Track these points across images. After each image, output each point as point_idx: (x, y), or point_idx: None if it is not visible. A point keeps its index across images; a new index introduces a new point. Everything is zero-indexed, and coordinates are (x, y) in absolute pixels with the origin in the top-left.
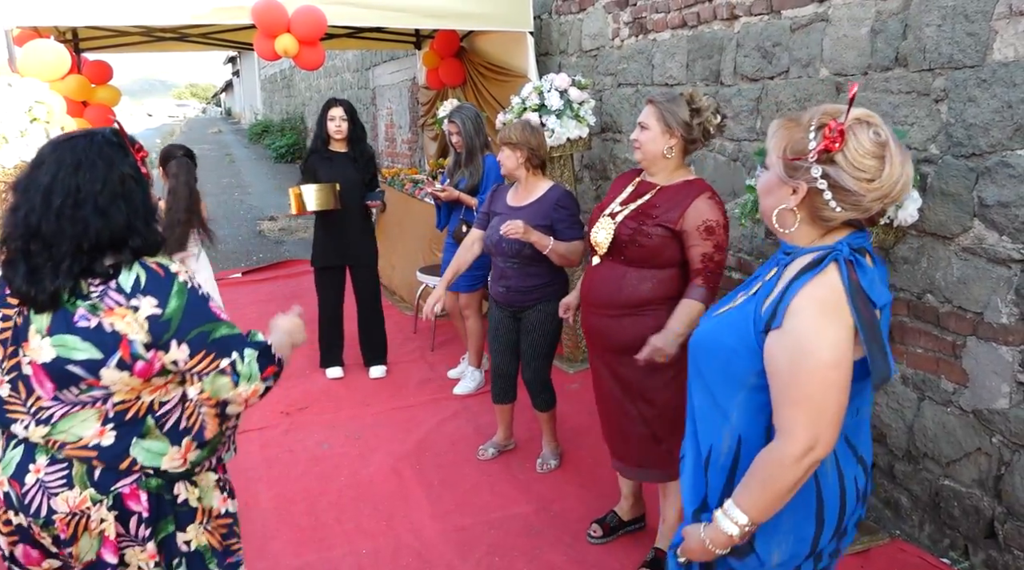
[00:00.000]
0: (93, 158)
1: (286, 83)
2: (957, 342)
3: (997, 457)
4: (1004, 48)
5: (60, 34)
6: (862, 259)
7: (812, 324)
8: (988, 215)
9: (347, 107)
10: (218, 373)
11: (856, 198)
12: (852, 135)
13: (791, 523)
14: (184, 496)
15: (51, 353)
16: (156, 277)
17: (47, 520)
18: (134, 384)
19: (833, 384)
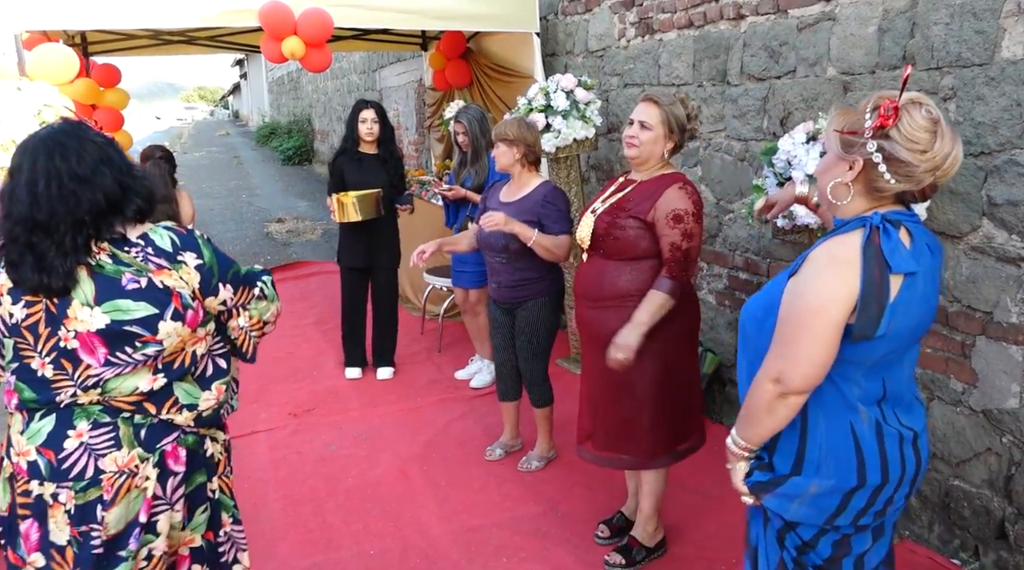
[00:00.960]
0: (61, 140)
1: (293, 85)
2: (966, 342)
3: (1007, 457)
4: (1013, 46)
5: (69, 38)
6: (892, 229)
7: (814, 271)
8: (997, 214)
9: (378, 109)
10: (257, 299)
11: (910, 169)
12: (906, 112)
13: (833, 467)
14: (211, 450)
15: (104, 320)
16: (183, 235)
17: (92, 481)
18: (184, 334)
19: (808, 328)
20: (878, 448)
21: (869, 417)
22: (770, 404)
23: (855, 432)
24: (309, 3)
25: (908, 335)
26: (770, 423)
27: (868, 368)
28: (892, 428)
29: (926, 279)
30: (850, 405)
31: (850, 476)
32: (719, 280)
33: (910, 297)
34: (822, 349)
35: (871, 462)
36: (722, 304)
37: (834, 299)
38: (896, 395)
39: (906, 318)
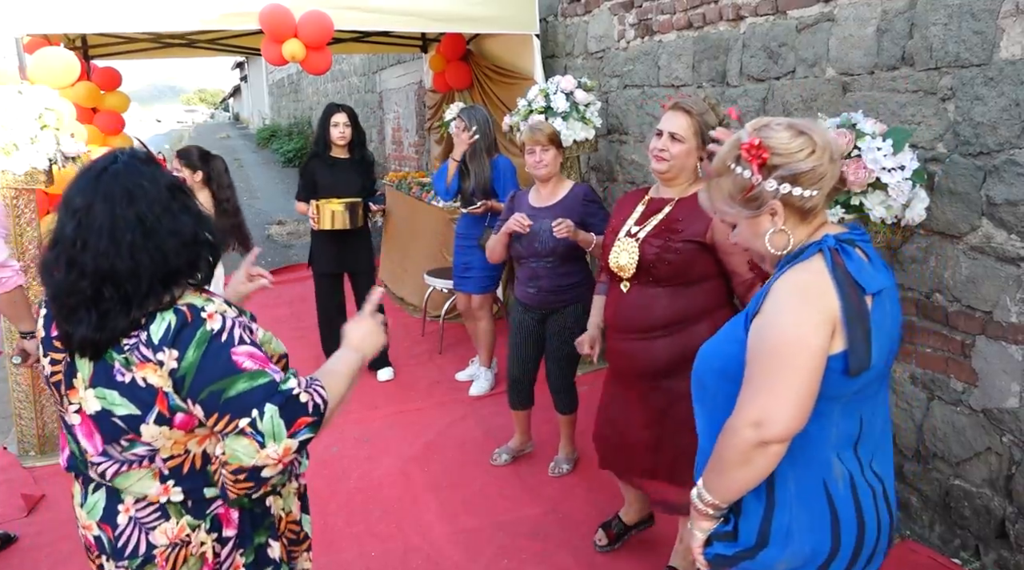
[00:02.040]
0: (138, 181)
1: (293, 88)
2: (966, 341)
3: (1007, 457)
4: (1011, 46)
5: (70, 41)
6: (850, 248)
7: (783, 304)
8: (996, 214)
9: (350, 113)
10: (236, 434)
11: (815, 173)
12: (766, 138)
13: (807, 533)
14: (273, 509)
15: (96, 405)
16: (184, 323)
17: (147, 558)
18: (177, 437)
19: (787, 362)
20: (854, 507)
21: (843, 471)
22: (747, 454)
23: (828, 488)
24: (309, 6)
25: (885, 359)
26: (745, 476)
27: (846, 403)
28: (865, 483)
29: (892, 299)
30: (823, 459)
31: (824, 542)
32: None
33: (882, 317)
34: (806, 385)
35: (846, 523)
36: None
37: (813, 327)
38: (872, 435)
39: (882, 340)
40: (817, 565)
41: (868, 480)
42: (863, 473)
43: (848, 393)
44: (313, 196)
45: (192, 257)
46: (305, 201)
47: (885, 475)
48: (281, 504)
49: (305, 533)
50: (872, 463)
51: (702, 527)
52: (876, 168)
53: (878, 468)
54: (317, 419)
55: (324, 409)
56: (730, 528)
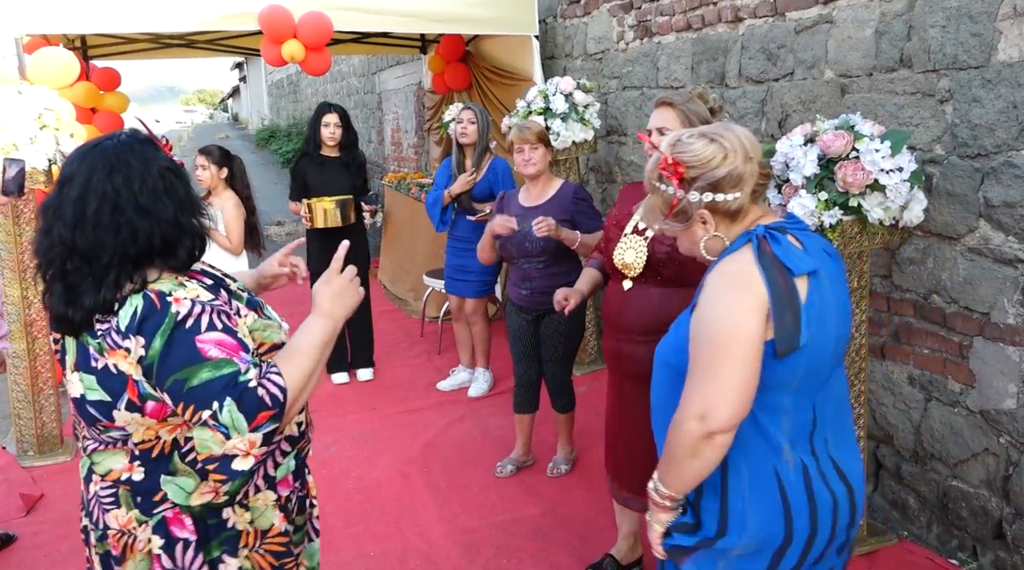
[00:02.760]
0: (126, 158)
1: (293, 88)
2: (964, 343)
3: (1005, 458)
4: (1009, 48)
5: (69, 42)
6: (780, 235)
7: (714, 295)
8: (994, 215)
9: (341, 113)
10: (201, 425)
11: (736, 175)
12: (679, 153)
13: (760, 520)
14: (233, 521)
15: (79, 388)
16: (151, 309)
17: (103, 533)
18: (149, 424)
19: (725, 352)
20: (805, 494)
21: (795, 459)
22: (694, 446)
23: (779, 477)
24: (309, 6)
25: (832, 345)
26: (695, 468)
27: (795, 391)
28: (820, 472)
29: (833, 281)
30: (774, 446)
31: (777, 529)
32: None
33: (821, 300)
34: (746, 374)
35: (798, 510)
36: None
37: (744, 314)
38: (826, 423)
39: (824, 323)
40: (772, 551)
41: (822, 468)
42: (818, 462)
43: (794, 379)
44: (305, 196)
45: (170, 240)
46: (297, 201)
47: (843, 458)
48: (248, 518)
49: (292, 546)
50: (828, 449)
51: (660, 519)
52: (874, 170)
53: (834, 453)
54: (278, 411)
55: (284, 398)
56: (691, 519)
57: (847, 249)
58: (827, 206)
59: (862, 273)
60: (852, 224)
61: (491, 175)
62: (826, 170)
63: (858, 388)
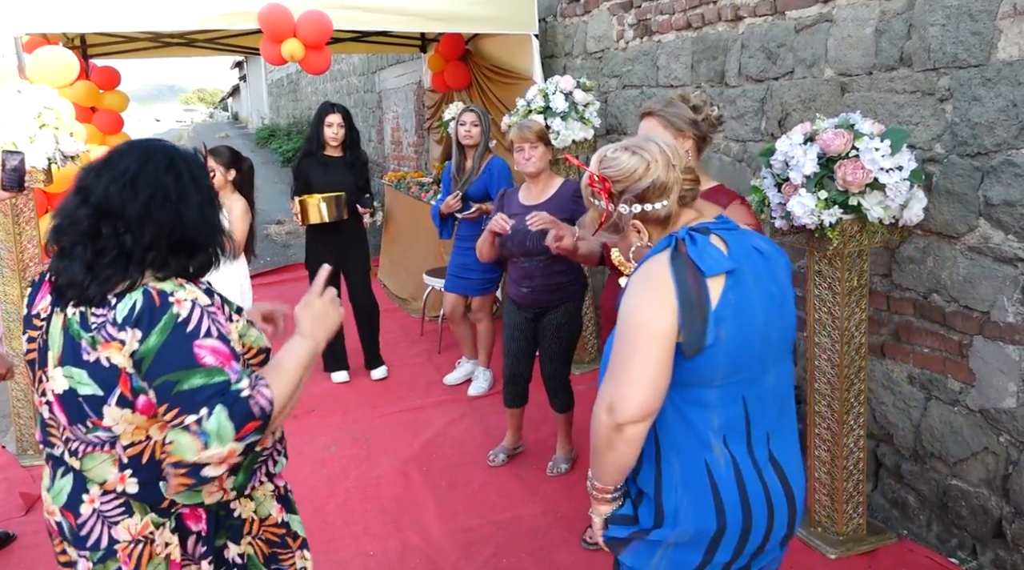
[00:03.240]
0: (187, 162)
1: (292, 87)
2: (964, 341)
3: (1004, 456)
4: (1009, 47)
5: (68, 40)
6: (700, 236)
7: (631, 293)
8: (994, 214)
9: (344, 113)
10: (181, 429)
11: (660, 184)
12: (605, 169)
13: (692, 513)
14: (239, 511)
15: (64, 384)
16: (151, 305)
17: (107, 552)
18: (139, 422)
19: (634, 348)
20: (737, 487)
21: (725, 454)
22: (608, 438)
23: (710, 470)
24: (308, 5)
25: (758, 342)
26: (614, 460)
27: (721, 386)
28: (754, 467)
29: (761, 278)
30: (703, 441)
31: (708, 521)
32: None
33: (741, 298)
34: (652, 367)
35: (730, 503)
36: None
37: (654, 313)
38: (762, 418)
39: (743, 321)
40: (705, 543)
41: (758, 462)
42: (752, 456)
43: (715, 375)
44: (308, 194)
45: (201, 244)
46: None
47: (785, 457)
48: (252, 507)
49: (294, 533)
50: (769, 445)
51: (600, 511)
52: (874, 168)
53: (775, 448)
54: (263, 422)
55: (270, 411)
56: (630, 511)
57: (847, 248)
58: (827, 205)
59: (862, 272)
60: (852, 223)
61: (486, 175)
62: (826, 169)
63: (858, 387)
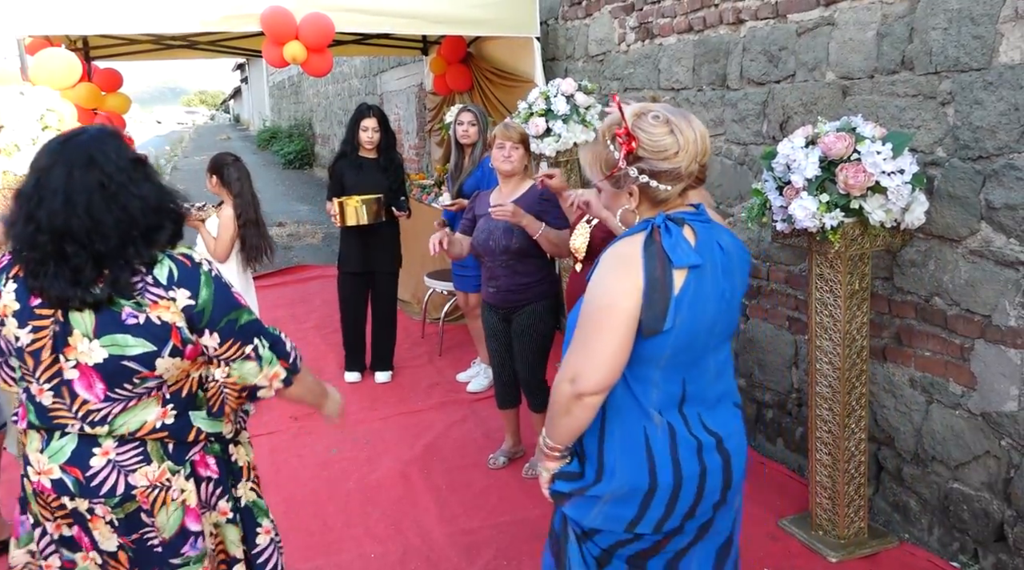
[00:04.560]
0: (102, 149)
1: (294, 89)
2: (965, 345)
3: (1006, 460)
4: (1010, 51)
5: (71, 43)
6: (675, 226)
7: (602, 271)
8: (995, 218)
9: (380, 117)
10: (244, 359)
11: (675, 172)
12: (639, 130)
13: (627, 471)
14: (235, 456)
15: (103, 353)
16: (184, 268)
17: (126, 496)
18: (184, 366)
19: (599, 325)
20: (670, 451)
21: (663, 422)
22: (567, 404)
23: (647, 435)
24: (310, 8)
25: (704, 332)
26: (569, 424)
27: (665, 367)
28: (689, 435)
29: (717, 275)
30: (644, 411)
31: (641, 478)
32: None
33: (698, 290)
34: (615, 346)
35: (661, 464)
36: None
37: (621, 294)
38: (698, 396)
39: (696, 312)
40: (639, 499)
41: (694, 434)
42: (688, 428)
43: (662, 356)
44: (341, 196)
45: (153, 223)
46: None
47: (720, 424)
48: (243, 451)
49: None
50: (704, 420)
51: (548, 467)
52: (876, 172)
53: (708, 420)
54: (290, 371)
55: (296, 364)
56: (576, 469)
57: (848, 251)
58: (828, 208)
59: (863, 275)
60: (853, 226)
61: (480, 173)
62: (827, 172)
63: (859, 390)
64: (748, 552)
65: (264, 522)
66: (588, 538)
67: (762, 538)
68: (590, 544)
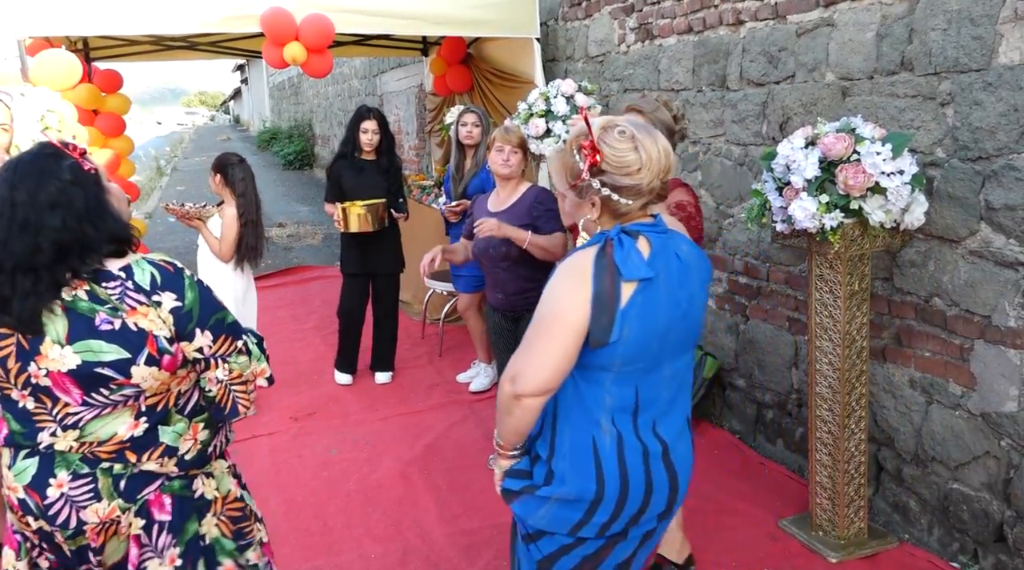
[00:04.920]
0: (26, 170)
1: (294, 90)
2: (965, 345)
3: (1006, 460)
4: (1010, 52)
5: (71, 43)
6: (628, 239)
7: (555, 282)
8: (995, 218)
9: (380, 119)
10: (237, 352)
11: (637, 188)
12: (604, 144)
13: (575, 478)
14: (201, 490)
15: (76, 360)
16: (168, 273)
17: (77, 530)
18: (163, 378)
19: (545, 332)
20: (617, 462)
21: (611, 431)
22: (507, 404)
23: (595, 444)
24: (310, 9)
25: (657, 341)
26: (510, 423)
27: (618, 374)
28: (637, 440)
29: (672, 285)
30: (593, 419)
31: (589, 487)
32: (719, 284)
33: (648, 301)
34: (557, 353)
35: (609, 472)
36: (722, 308)
37: (570, 304)
38: (652, 403)
39: (647, 323)
40: (585, 506)
41: (643, 441)
42: (637, 435)
43: (613, 365)
44: (340, 198)
45: (69, 247)
46: (332, 202)
47: (673, 439)
48: (214, 485)
49: (249, 507)
50: (656, 428)
51: (500, 465)
52: (875, 172)
53: (663, 432)
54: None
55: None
56: (526, 467)
57: (848, 251)
58: (828, 209)
59: (863, 276)
60: (853, 227)
61: (484, 174)
62: (827, 173)
63: (859, 391)
64: (748, 553)
65: (226, 562)
66: (533, 541)
67: (762, 538)
68: (534, 548)
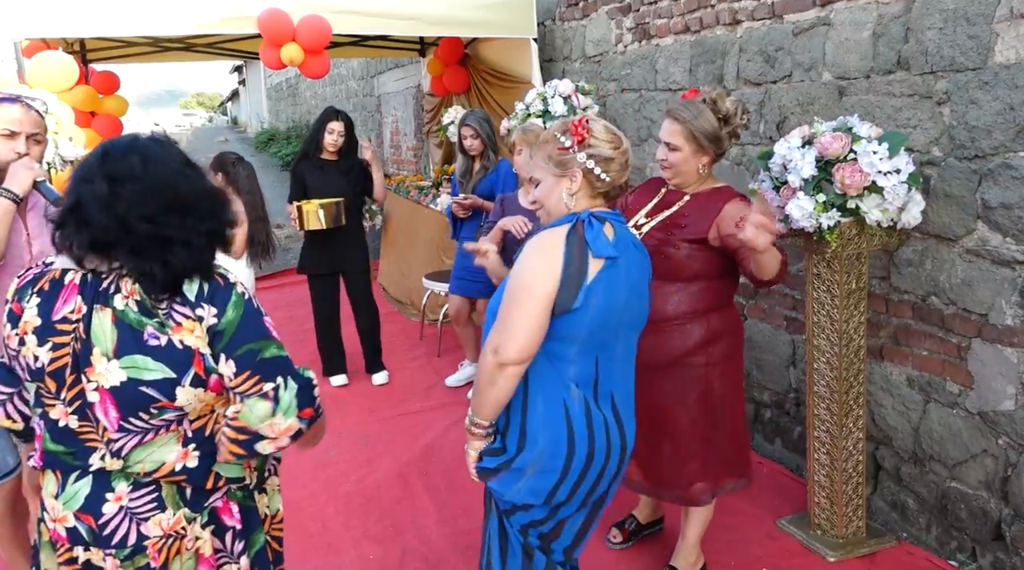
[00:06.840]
0: (188, 160)
1: (292, 91)
2: (962, 344)
3: (1003, 459)
4: (1005, 50)
5: (68, 45)
6: (597, 222)
7: (526, 257)
8: (992, 217)
9: (347, 122)
10: (260, 396)
11: (616, 163)
12: (591, 125)
13: (548, 439)
14: (258, 506)
15: (121, 376)
16: (217, 285)
17: (136, 548)
18: (208, 399)
19: (520, 303)
20: (585, 422)
21: (579, 396)
22: (491, 375)
23: (567, 407)
24: (308, 10)
25: (616, 316)
26: (493, 394)
27: (581, 346)
28: (599, 411)
29: (631, 269)
30: (563, 383)
31: (560, 445)
32: None
33: (611, 278)
34: (532, 321)
35: (579, 432)
36: None
37: (541, 276)
38: (613, 380)
39: (610, 298)
40: (559, 467)
41: (603, 410)
42: (598, 404)
43: (578, 334)
44: (304, 198)
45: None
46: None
47: (624, 413)
48: (266, 502)
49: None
50: (614, 400)
51: (475, 446)
52: (872, 171)
53: (619, 405)
54: (315, 416)
55: (320, 411)
56: (499, 444)
57: (845, 250)
58: (825, 208)
59: (860, 275)
60: (850, 226)
61: (494, 176)
62: (824, 172)
63: (857, 390)
64: (747, 552)
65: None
66: (510, 516)
67: (760, 538)
68: (513, 521)
